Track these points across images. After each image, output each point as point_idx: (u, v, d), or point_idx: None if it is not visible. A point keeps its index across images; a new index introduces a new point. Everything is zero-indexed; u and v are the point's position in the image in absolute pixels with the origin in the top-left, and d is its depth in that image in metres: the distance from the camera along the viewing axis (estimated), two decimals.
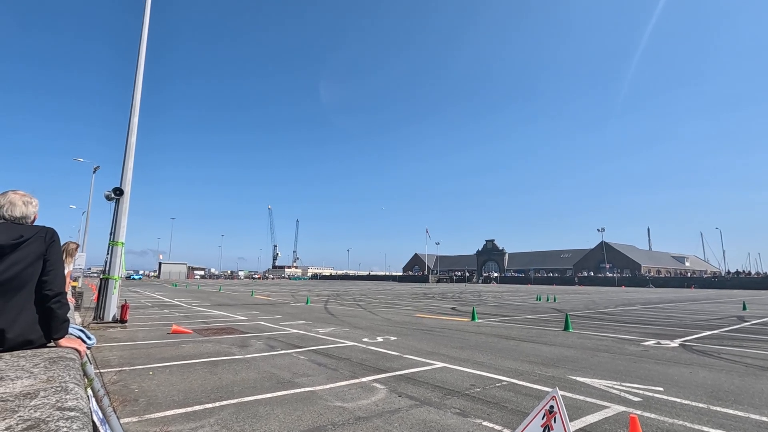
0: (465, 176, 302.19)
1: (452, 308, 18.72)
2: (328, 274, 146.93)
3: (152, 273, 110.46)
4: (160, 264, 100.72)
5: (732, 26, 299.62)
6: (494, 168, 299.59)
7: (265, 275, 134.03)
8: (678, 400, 4.69)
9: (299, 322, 12.15)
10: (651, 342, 9.04)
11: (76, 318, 11.04)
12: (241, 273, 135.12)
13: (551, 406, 2.51)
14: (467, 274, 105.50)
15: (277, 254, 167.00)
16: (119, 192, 11.97)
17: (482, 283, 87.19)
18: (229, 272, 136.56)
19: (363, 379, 5.48)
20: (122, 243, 11.92)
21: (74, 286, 16.48)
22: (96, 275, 69.68)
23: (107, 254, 11.85)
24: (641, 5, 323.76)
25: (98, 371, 5.67)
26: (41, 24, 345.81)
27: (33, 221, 2.18)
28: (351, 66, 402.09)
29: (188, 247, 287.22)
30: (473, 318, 13.47)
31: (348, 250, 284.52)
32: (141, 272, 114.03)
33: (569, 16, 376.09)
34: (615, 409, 4.30)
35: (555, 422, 2.46)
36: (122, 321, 11.10)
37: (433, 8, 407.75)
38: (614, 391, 5.01)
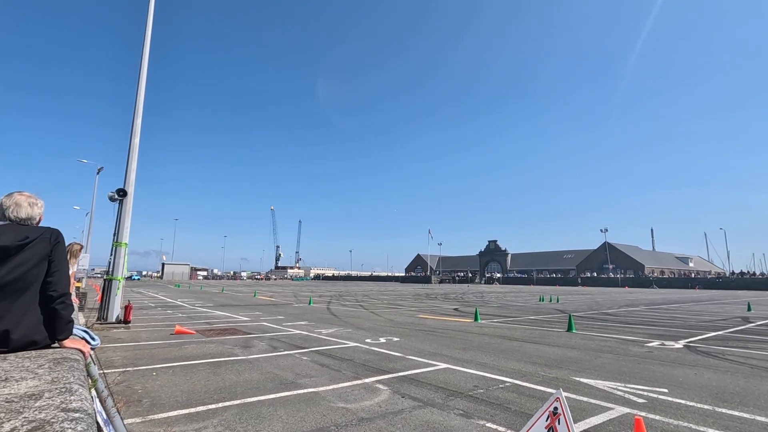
0: (467, 176, 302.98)
1: (455, 309, 18.68)
2: (331, 275, 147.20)
3: (155, 274, 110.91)
4: (163, 265, 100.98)
5: (734, 25, 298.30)
6: (496, 168, 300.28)
7: (268, 276, 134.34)
8: (683, 402, 4.66)
9: (302, 323, 12.16)
10: (655, 343, 8.99)
11: (80, 318, 11.11)
12: (244, 274, 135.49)
13: (555, 408, 2.51)
14: (470, 275, 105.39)
15: (280, 255, 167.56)
16: (123, 193, 12.02)
17: (485, 284, 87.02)
18: (232, 273, 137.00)
19: (366, 380, 5.48)
20: (126, 244, 11.97)
21: (78, 287, 16.55)
22: (99, 276, 70.06)
23: (111, 255, 11.90)
24: (643, 4, 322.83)
25: (102, 372, 5.69)
26: (41, 22, 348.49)
27: (38, 222, 2.19)
28: (352, 65, 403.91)
29: (191, 248, 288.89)
30: (476, 319, 13.44)
31: (350, 251, 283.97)
32: (141, 273, 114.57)
33: (571, 15, 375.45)
34: (619, 411, 4.28)
35: (559, 424, 2.46)
36: (126, 322, 11.14)
37: (433, 8, 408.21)
38: (618, 393, 4.99)
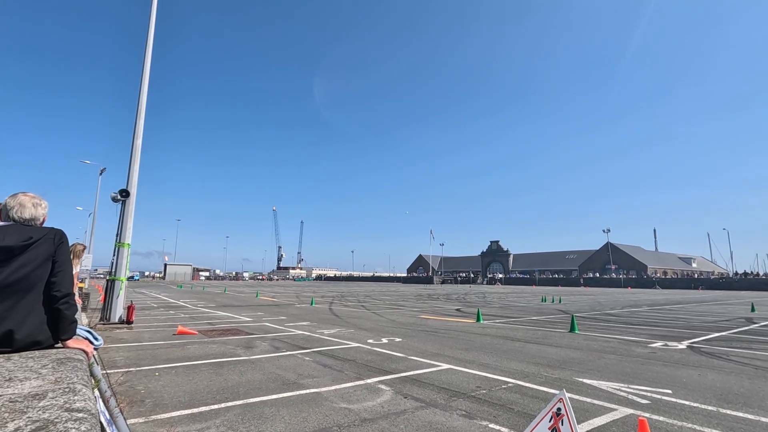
0: (468, 176, 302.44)
1: (457, 309, 18.66)
2: (333, 276, 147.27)
3: (158, 274, 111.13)
4: (166, 265, 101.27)
5: (736, 25, 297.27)
6: (497, 168, 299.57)
7: (270, 276, 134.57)
8: (687, 403, 4.64)
9: (304, 324, 12.16)
10: (658, 344, 8.95)
11: (83, 319, 11.13)
12: (246, 274, 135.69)
13: (558, 409, 2.49)
14: (472, 275, 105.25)
15: (282, 255, 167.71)
16: (125, 194, 12.05)
17: (487, 285, 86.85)
18: (234, 273, 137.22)
19: (368, 381, 5.47)
20: (128, 244, 12.00)
21: (81, 288, 16.60)
22: (102, 276, 70.25)
23: (113, 256, 11.93)
24: (643, 4, 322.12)
25: (105, 372, 5.71)
26: (44, 21, 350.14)
27: (42, 223, 2.20)
28: (353, 65, 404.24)
29: (193, 249, 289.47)
30: (478, 319, 13.41)
31: (352, 252, 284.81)
32: (143, 273, 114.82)
33: (571, 15, 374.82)
34: (623, 412, 4.26)
35: (562, 425, 2.44)
36: (128, 322, 11.17)
37: (433, 8, 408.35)
38: (622, 394, 4.97)
